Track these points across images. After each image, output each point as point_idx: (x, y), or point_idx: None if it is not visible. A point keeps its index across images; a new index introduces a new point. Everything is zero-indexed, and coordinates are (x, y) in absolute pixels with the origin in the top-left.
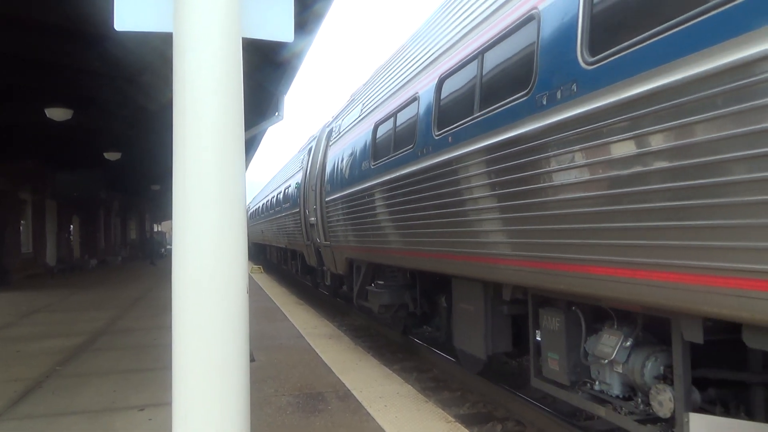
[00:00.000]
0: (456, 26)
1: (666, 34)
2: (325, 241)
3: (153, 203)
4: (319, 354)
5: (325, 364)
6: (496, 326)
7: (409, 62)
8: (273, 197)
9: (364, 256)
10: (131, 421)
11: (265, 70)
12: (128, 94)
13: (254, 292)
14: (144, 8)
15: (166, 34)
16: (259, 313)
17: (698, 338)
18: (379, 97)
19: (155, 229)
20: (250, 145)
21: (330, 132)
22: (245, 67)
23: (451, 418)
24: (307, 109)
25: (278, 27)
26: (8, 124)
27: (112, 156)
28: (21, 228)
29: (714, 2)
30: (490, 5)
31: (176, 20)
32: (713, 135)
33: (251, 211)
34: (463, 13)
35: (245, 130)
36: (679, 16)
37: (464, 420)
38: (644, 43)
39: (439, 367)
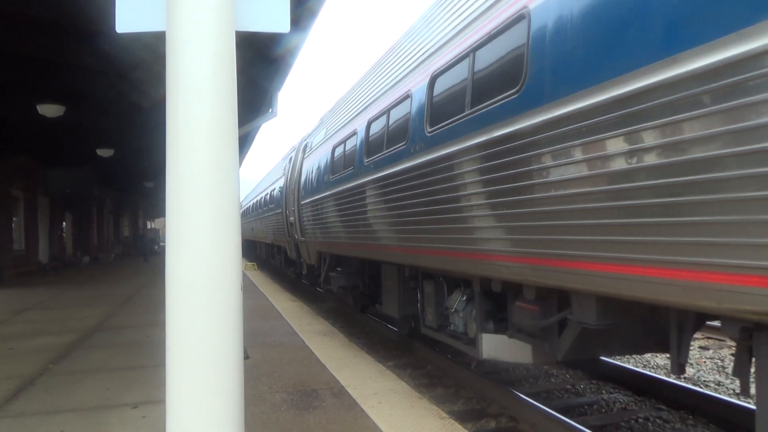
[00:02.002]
0: (376, 87)
1: (451, 125)
2: (302, 237)
3: (146, 200)
4: (314, 351)
5: (320, 361)
6: (406, 295)
7: (353, 105)
8: (262, 198)
9: (328, 249)
10: (125, 418)
11: (258, 66)
12: (121, 90)
13: (248, 289)
14: (144, 9)
15: (161, 31)
16: (253, 310)
17: (478, 290)
18: (336, 126)
19: (148, 226)
20: (244, 141)
21: (305, 146)
22: (239, 63)
23: (444, 415)
24: (301, 106)
25: (273, 17)
26: None
27: (104, 153)
28: (13, 225)
29: (461, 114)
30: (392, 80)
31: (169, 16)
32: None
33: (243, 209)
34: (380, 80)
35: (239, 127)
36: (454, 117)
37: (458, 416)
38: (444, 127)
39: (434, 363)
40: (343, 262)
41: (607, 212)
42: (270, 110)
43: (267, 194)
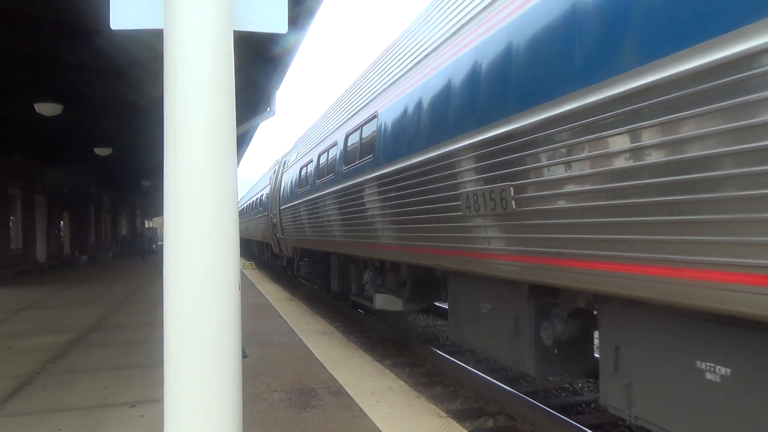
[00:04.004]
0: (321, 132)
1: (351, 167)
2: (282, 235)
3: (144, 199)
4: (312, 350)
5: (318, 360)
6: (341, 275)
7: (312, 138)
8: (254, 201)
9: (299, 244)
10: (123, 417)
11: (256, 66)
12: (119, 89)
13: (246, 288)
14: (139, 5)
15: (157, 29)
16: (251, 309)
17: (370, 266)
18: (302, 152)
19: (146, 225)
20: (242, 140)
21: (284, 162)
22: (237, 62)
23: (443, 413)
24: (299, 105)
25: (271, 18)
26: None
27: (102, 151)
28: (10, 224)
29: (355, 162)
30: (327, 132)
31: (167, 14)
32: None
33: (239, 209)
34: (326, 126)
35: (237, 126)
36: (353, 163)
37: (456, 415)
38: (349, 168)
39: (432, 362)
40: (309, 254)
41: (384, 223)
42: (268, 109)
43: (258, 198)
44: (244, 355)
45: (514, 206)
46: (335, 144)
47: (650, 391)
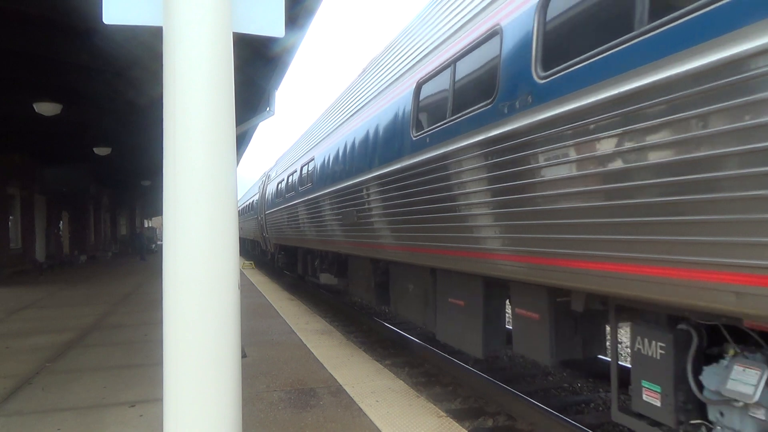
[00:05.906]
0: (289, 159)
1: (304, 187)
2: (267, 234)
3: (143, 199)
4: (311, 350)
5: (317, 360)
6: (303, 263)
7: (285, 162)
8: (248, 204)
9: (278, 241)
10: (122, 417)
11: (255, 65)
12: (118, 88)
13: (246, 287)
14: (133, 1)
15: (155, 28)
16: (251, 308)
17: (318, 255)
18: (278, 170)
19: (146, 225)
20: (241, 140)
21: (269, 175)
22: (236, 62)
23: (442, 413)
24: (298, 105)
25: (269, 21)
26: None
27: (101, 151)
28: (9, 223)
29: (305, 186)
30: (292, 160)
31: (166, 14)
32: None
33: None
34: (294, 155)
35: (236, 126)
36: (304, 186)
37: (456, 415)
38: (303, 187)
39: (431, 361)
40: (285, 248)
41: (320, 226)
42: (267, 109)
43: (251, 202)
44: (244, 355)
45: (356, 219)
46: (296, 171)
47: (400, 299)
